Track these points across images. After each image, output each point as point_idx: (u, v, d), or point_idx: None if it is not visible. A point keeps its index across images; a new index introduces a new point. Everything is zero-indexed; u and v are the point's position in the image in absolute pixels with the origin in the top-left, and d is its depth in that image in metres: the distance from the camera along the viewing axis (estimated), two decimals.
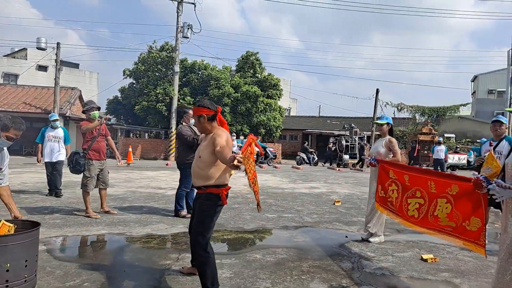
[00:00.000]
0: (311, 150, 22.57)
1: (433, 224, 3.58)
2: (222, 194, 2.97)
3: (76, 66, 40.62)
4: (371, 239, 4.88)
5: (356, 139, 22.17)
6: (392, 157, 4.94)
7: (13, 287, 2.57)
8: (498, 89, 41.00)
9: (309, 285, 3.33)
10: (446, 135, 26.79)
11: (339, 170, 18.17)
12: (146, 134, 26.91)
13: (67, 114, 20.39)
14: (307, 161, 21.57)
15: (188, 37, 22.87)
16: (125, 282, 3.25)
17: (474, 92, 44.75)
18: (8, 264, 2.54)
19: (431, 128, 24.15)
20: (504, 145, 4.73)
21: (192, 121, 5.79)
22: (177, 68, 22.34)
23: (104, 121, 5.51)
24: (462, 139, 28.29)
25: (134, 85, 25.33)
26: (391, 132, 5.14)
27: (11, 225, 2.85)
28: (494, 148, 4.82)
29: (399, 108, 26.00)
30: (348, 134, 22.75)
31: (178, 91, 22.46)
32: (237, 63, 26.54)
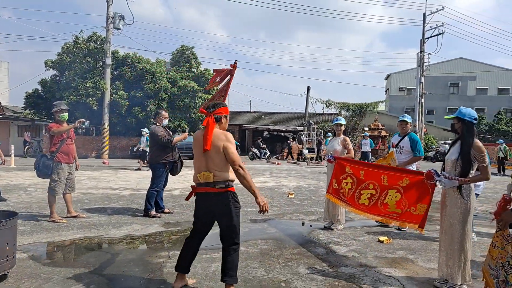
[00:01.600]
0: (263, 146, 23.42)
1: (382, 210, 4.24)
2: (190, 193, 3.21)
3: None
4: (333, 227, 5.53)
5: (314, 134, 23.62)
6: (347, 153, 5.63)
7: None
8: (407, 87, 46.17)
9: (298, 270, 3.79)
10: (366, 129, 29.55)
11: (278, 163, 19.10)
12: None
13: None
14: (259, 155, 22.60)
15: (120, 28, 21.86)
16: (131, 281, 3.38)
17: (388, 89, 49.75)
18: None
19: (378, 123, 26.40)
20: (405, 141, 5.56)
21: (166, 121, 5.87)
22: (108, 61, 21.26)
23: (78, 125, 5.34)
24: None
25: (58, 77, 23.41)
26: (344, 132, 5.85)
27: None
28: (398, 143, 5.65)
29: (327, 104, 27.95)
30: (305, 130, 24.29)
31: (110, 85, 21.41)
32: (172, 57, 26.02)
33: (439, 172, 3.53)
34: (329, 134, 18.87)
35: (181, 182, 10.00)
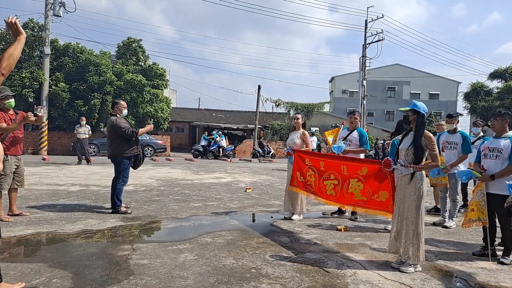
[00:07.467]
0: (267, 144, 23.54)
1: (349, 200, 4.55)
2: None
3: None
4: (293, 217, 5.71)
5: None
6: (305, 147, 5.85)
7: None
8: (350, 90, 48.64)
9: (265, 257, 3.88)
10: (312, 128, 30.72)
11: (230, 161, 19.12)
12: None
13: None
14: (263, 154, 22.52)
15: (60, 16, 20.45)
16: (97, 273, 3.23)
17: (332, 91, 52.01)
18: None
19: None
20: (354, 134, 5.96)
21: (125, 111, 5.65)
22: (47, 50, 19.77)
23: (33, 118, 4.72)
24: (324, 131, 32.87)
25: None
26: (303, 126, 6.06)
27: None
28: (346, 136, 6.02)
29: (277, 104, 28.52)
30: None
31: (50, 76, 19.93)
32: (117, 49, 24.89)
33: (396, 161, 3.83)
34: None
35: (133, 178, 9.64)
